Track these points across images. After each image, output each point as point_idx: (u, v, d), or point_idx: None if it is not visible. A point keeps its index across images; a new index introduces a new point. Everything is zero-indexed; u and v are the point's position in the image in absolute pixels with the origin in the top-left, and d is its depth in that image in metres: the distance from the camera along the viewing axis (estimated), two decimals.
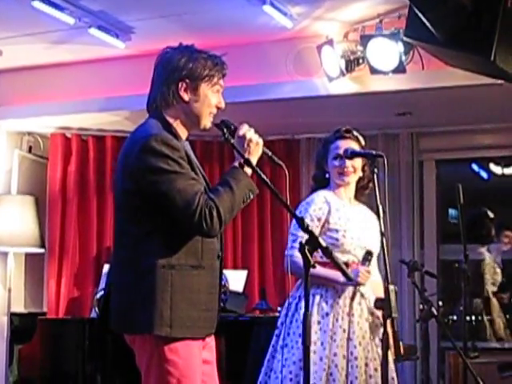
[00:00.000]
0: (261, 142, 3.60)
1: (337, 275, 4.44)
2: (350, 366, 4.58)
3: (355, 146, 4.71)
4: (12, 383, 7.10)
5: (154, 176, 3.45)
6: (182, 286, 3.52)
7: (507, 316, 8.01)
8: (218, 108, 3.67)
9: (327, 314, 4.64)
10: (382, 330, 4.29)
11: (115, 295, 3.61)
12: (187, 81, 3.58)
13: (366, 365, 4.60)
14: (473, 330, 7.79)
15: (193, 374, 3.52)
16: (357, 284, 4.58)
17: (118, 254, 3.66)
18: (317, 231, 4.45)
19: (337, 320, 4.64)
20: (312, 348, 4.45)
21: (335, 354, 4.58)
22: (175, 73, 3.60)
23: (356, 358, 4.58)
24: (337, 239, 4.62)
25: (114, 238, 3.71)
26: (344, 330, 4.63)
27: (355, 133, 4.78)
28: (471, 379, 4.73)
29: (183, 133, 3.66)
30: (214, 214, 3.42)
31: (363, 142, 4.78)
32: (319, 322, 4.63)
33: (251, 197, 3.56)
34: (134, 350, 3.57)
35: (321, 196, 4.74)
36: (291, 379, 4.58)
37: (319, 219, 4.63)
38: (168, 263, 3.50)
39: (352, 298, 4.68)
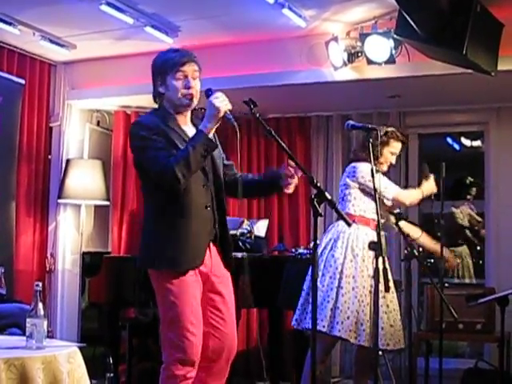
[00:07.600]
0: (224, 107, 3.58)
1: None
2: (359, 295, 4.79)
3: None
4: (83, 307, 7.20)
5: (136, 152, 3.71)
6: (172, 232, 3.66)
7: (474, 260, 7.99)
8: (188, 88, 3.69)
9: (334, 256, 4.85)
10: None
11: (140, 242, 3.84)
12: (159, 78, 3.73)
13: (370, 292, 4.69)
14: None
15: (186, 298, 3.64)
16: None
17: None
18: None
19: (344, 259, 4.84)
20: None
21: (341, 287, 4.76)
22: (153, 75, 3.78)
23: (364, 287, 4.79)
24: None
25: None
26: (350, 268, 4.83)
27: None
28: (444, 307, 4.74)
29: (177, 112, 3.76)
30: (170, 172, 3.51)
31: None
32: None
33: (209, 151, 3.61)
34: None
35: (366, 165, 4.87)
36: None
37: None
38: (161, 215, 3.69)
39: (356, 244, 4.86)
